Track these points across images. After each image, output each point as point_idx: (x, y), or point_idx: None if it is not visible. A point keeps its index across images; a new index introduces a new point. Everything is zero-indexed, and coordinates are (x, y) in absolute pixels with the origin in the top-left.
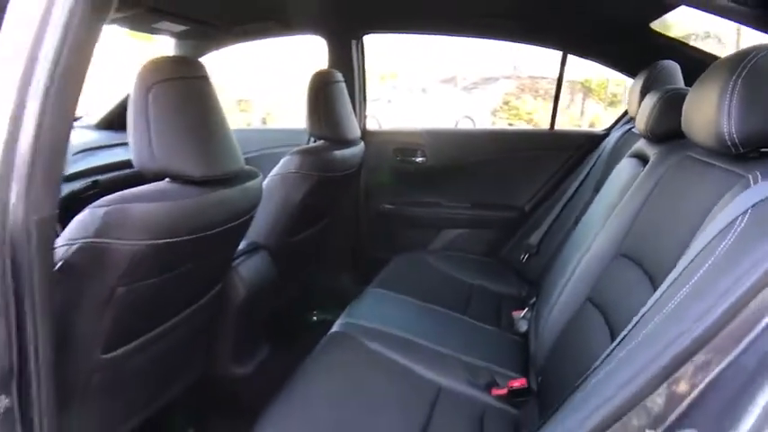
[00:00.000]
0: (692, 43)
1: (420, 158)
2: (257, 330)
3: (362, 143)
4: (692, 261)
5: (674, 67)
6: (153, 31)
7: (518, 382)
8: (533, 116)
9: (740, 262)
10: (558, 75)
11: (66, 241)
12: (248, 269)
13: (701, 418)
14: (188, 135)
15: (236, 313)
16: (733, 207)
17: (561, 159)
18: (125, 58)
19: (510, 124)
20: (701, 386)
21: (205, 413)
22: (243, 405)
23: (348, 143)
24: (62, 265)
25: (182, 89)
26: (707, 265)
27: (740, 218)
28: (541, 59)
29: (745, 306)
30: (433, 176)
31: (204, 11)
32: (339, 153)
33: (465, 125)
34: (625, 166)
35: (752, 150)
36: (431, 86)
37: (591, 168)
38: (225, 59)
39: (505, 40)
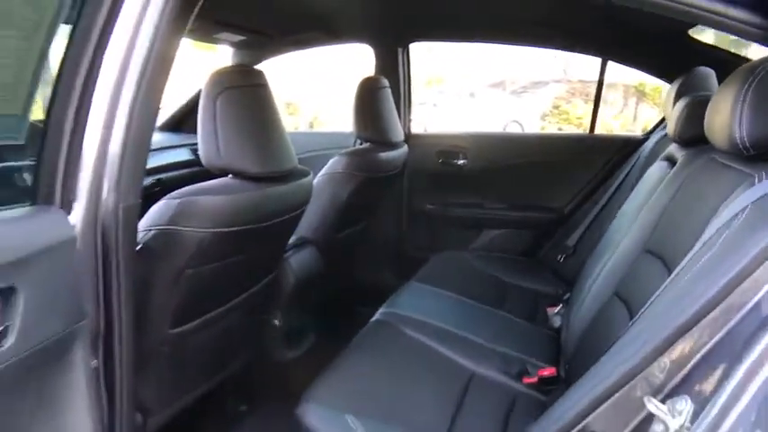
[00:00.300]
0: (754, 48)
1: (462, 161)
2: (305, 319)
3: (406, 146)
4: (696, 252)
5: (709, 74)
6: (214, 41)
7: (547, 371)
8: (583, 120)
9: (735, 251)
10: (598, 80)
11: (144, 228)
12: (298, 261)
13: (695, 386)
14: (249, 137)
15: (287, 301)
16: (737, 203)
17: (600, 163)
18: (186, 66)
19: (559, 129)
20: (697, 357)
21: (257, 393)
22: (291, 388)
23: (392, 146)
24: (140, 249)
25: (244, 96)
26: (707, 254)
27: (740, 213)
28: (591, 63)
29: (737, 285)
30: (475, 178)
31: (260, 22)
32: (383, 155)
33: (513, 129)
34: (655, 169)
35: (765, 153)
36: (478, 91)
37: (629, 172)
38: (276, 64)
39: (547, 47)
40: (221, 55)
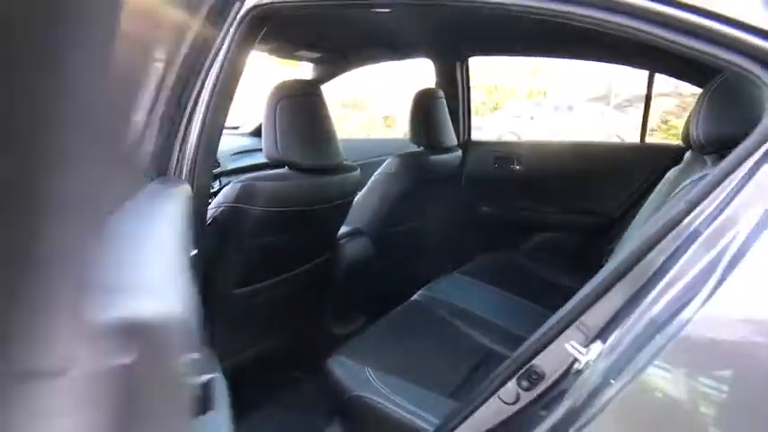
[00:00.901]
0: None
1: (516, 166)
2: (355, 301)
3: (460, 151)
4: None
5: None
6: (294, 58)
7: None
8: None
9: (659, 219)
10: (646, 93)
11: (214, 205)
12: (351, 248)
13: (608, 333)
14: (302, 136)
15: (339, 282)
16: (680, 187)
17: (649, 170)
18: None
19: None
20: (616, 308)
21: (310, 362)
22: None
23: (444, 150)
24: (211, 222)
25: (299, 104)
26: (642, 224)
27: (677, 193)
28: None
29: (651, 249)
30: (529, 183)
31: (332, 41)
32: (434, 158)
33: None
34: (671, 172)
35: (724, 150)
36: (578, 104)
37: None
38: (379, 83)
39: (597, 60)
40: (304, 70)
